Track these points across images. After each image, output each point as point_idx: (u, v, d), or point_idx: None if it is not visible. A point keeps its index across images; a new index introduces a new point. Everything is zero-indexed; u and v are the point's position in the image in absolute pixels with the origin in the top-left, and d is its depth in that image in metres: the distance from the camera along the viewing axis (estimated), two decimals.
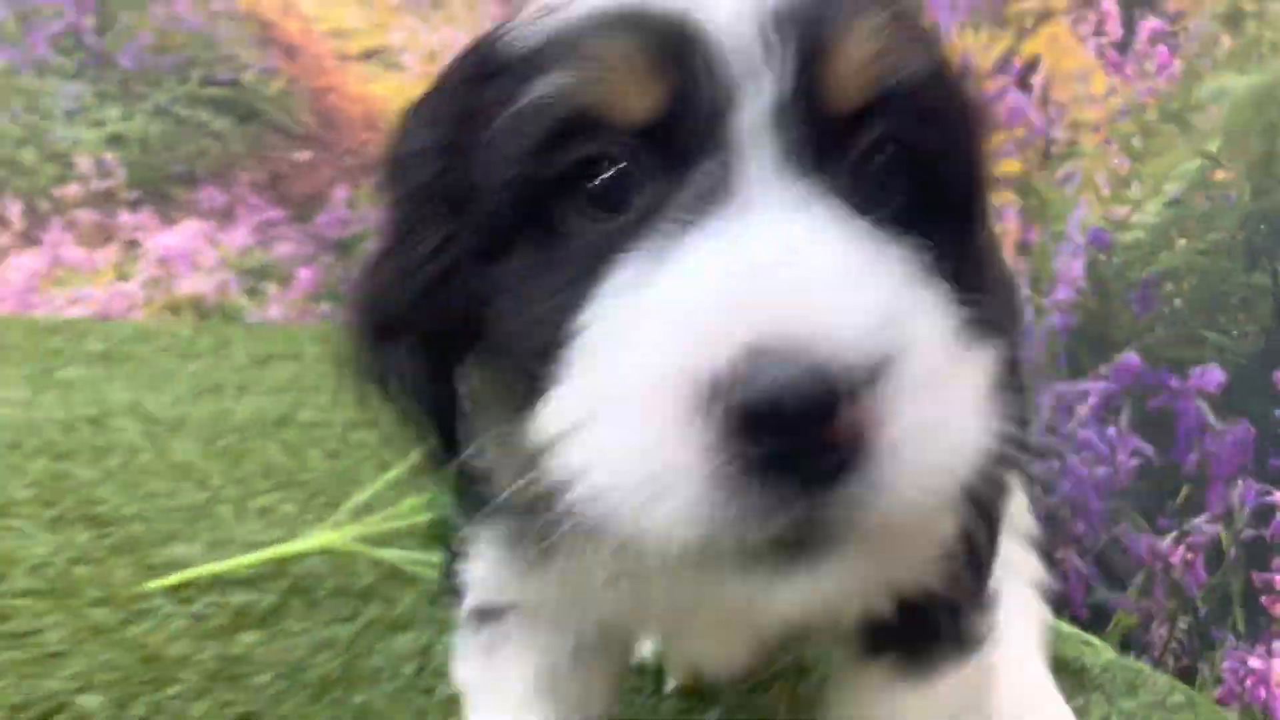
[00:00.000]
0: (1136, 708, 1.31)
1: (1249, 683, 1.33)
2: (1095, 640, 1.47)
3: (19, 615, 1.19)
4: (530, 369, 0.59)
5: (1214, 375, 1.39)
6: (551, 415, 0.56)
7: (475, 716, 0.88)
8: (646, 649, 1.15)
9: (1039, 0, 1.70)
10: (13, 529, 1.43)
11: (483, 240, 0.63)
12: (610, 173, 0.59)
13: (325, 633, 1.24)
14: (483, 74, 0.64)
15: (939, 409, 0.52)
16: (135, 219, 3.00)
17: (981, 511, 0.69)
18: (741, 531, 0.50)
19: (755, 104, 0.56)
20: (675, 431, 0.49)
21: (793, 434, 0.48)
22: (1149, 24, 1.52)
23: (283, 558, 1.36)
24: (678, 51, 0.57)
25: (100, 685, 1.07)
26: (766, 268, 0.51)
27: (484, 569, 0.81)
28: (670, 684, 1.18)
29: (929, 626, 0.82)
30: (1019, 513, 1.22)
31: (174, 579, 1.29)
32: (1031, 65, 1.72)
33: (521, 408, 0.60)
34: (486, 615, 0.85)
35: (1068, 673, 1.35)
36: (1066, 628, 1.49)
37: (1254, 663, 1.32)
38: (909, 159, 0.61)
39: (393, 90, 3.19)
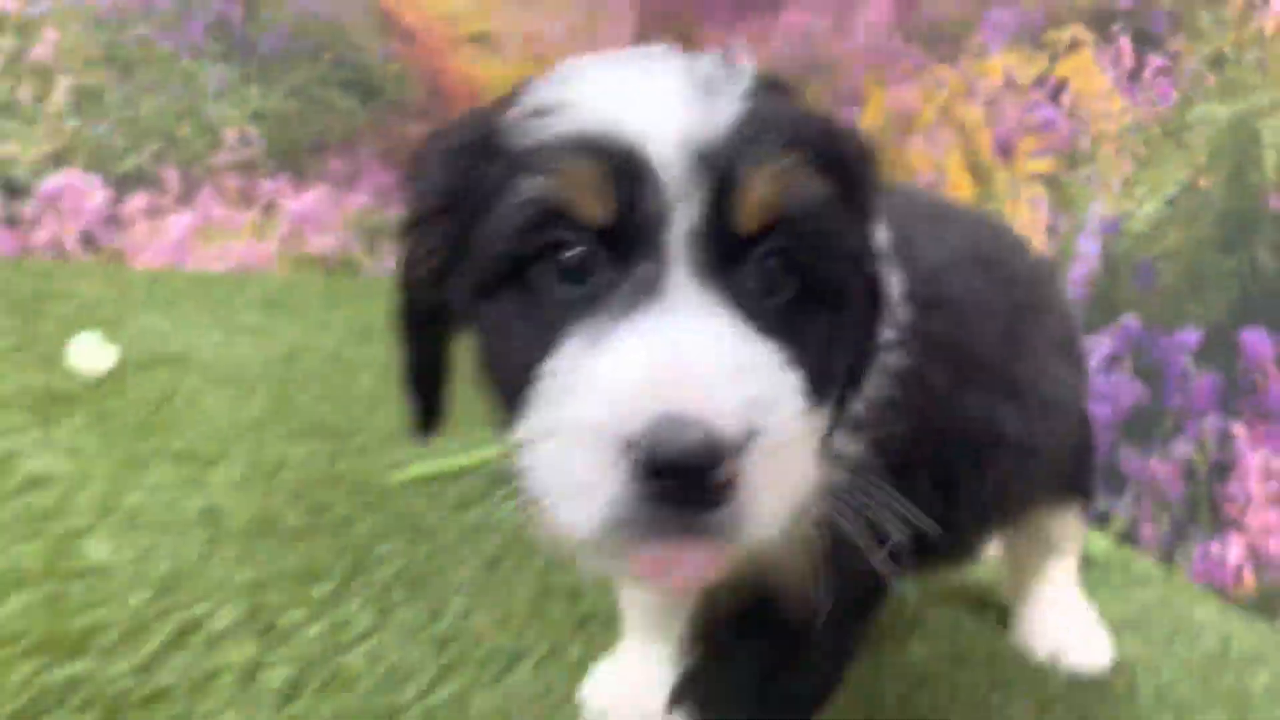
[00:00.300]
0: (1128, 581, 1.73)
1: (1210, 565, 1.75)
2: (1098, 534, 1.89)
3: (309, 495, 1.62)
4: (505, 394, 0.75)
5: (1193, 336, 1.80)
6: (519, 430, 0.71)
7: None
8: None
9: (1070, 32, 2.08)
10: (264, 439, 1.85)
11: (477, 282, 0.75)
12: (574, 255, 0.71)
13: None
14: (485, 154, 0.76)
15: (781, 467, 0.66)
16: (273, 185, 3.35)
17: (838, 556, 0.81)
18: (631, 528, 0.64)
19: (681, 222, 0.69)
20: (600, 466, 0.63)
21: (683, 478, 0.62)
22: (1154, 60, 1.90)
23: (485, 459, 1.77)
24: (628, 176, 0.69)
25: (388, 540, 1.50)
26: (676, 359, 0.64)
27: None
28: None
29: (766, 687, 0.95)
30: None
31: (413, 472, 1.72)
32: (1062, 85, 2.10)
33: (503, 417, 0.75)
34: None
35: (1081, 558, 1.77)
36: None
37: (1214, 550, 1.74)
38: (794, 264, 0.73)
39: (493, 70, 3.55)
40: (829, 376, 0.75)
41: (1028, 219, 2.12)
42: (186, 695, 1.05)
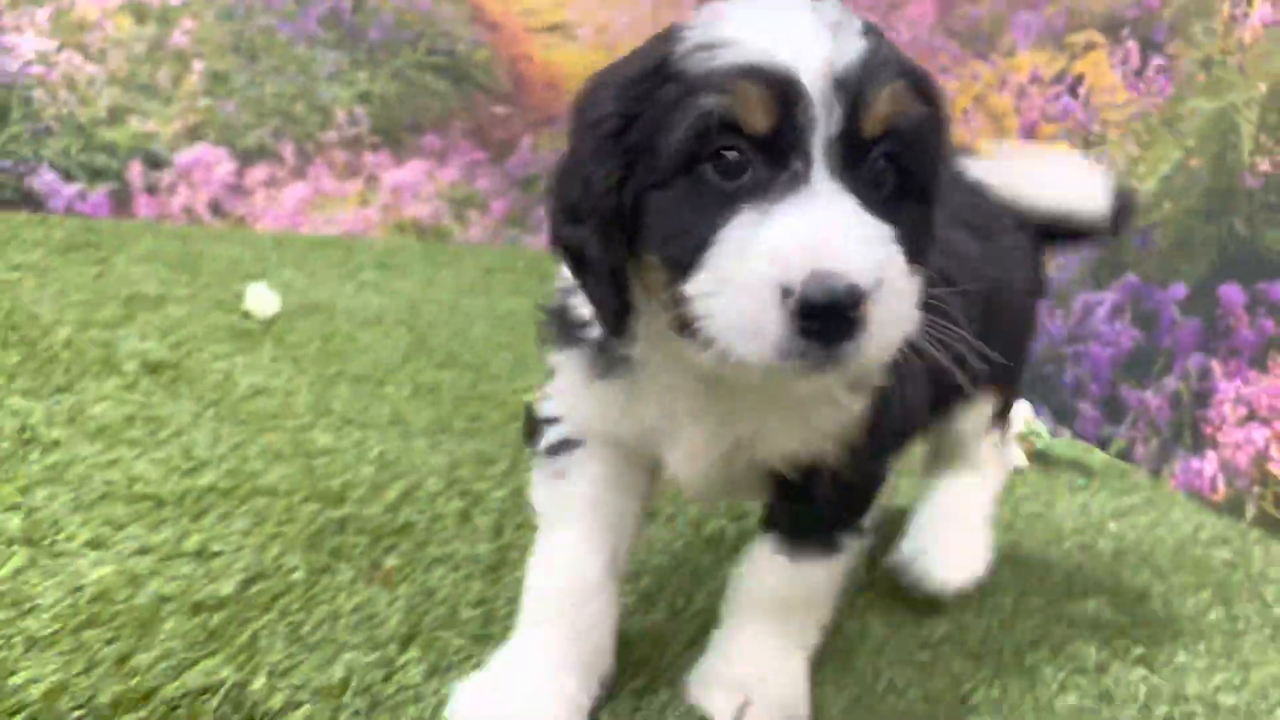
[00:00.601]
0: (1124, 489, 2.10)
1: (1190, 476, 2.12)
2: (1100, 452, 2.27)
3: (465, 408, 2.01)
4: (680, 257, 0.86)
5: (1180, 290, 2.16)
6: (694, 287, 0.85)
7: (543, 533, 1.15)
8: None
9: (1086, 35, 2.43)
10: (417, 368, 2.22)
11: (656, 177, 0.88)
12: (738, 156, 0.85)
13: None
14: (662, 77, 0.88)
15: (896, 310, 0.83)
16: (375, 159, 3.70)
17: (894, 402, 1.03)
18: (792, 357, 0.80)
19: (822, 131, 0.83)
20: (768, 307, 0.80)
21: (829, 319, 0.79)
22: (1155, 60, 2.26)
23: None
24: (786, 96, 0.83)
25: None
26: (822, 230, 0.81)
27: (561, 391, 1.11)
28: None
29: (810, 521, 1.11)
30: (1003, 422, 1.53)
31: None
32: (1079, 79, 2.45)
33: (668, 283, 0.88)
34: (558, 448, 1.13)
35: (1081, 469, 2.15)
36: (1084, 445, 2.30)
37: (1194, 465, 2.11)
38: (897, 165, 0.88)
39: (568, 56, 3.89)
40: (919, 249, 0.90)
41: None
42: (425, 529, 1.46)
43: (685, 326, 0.87)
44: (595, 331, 1.02)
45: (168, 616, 1.13)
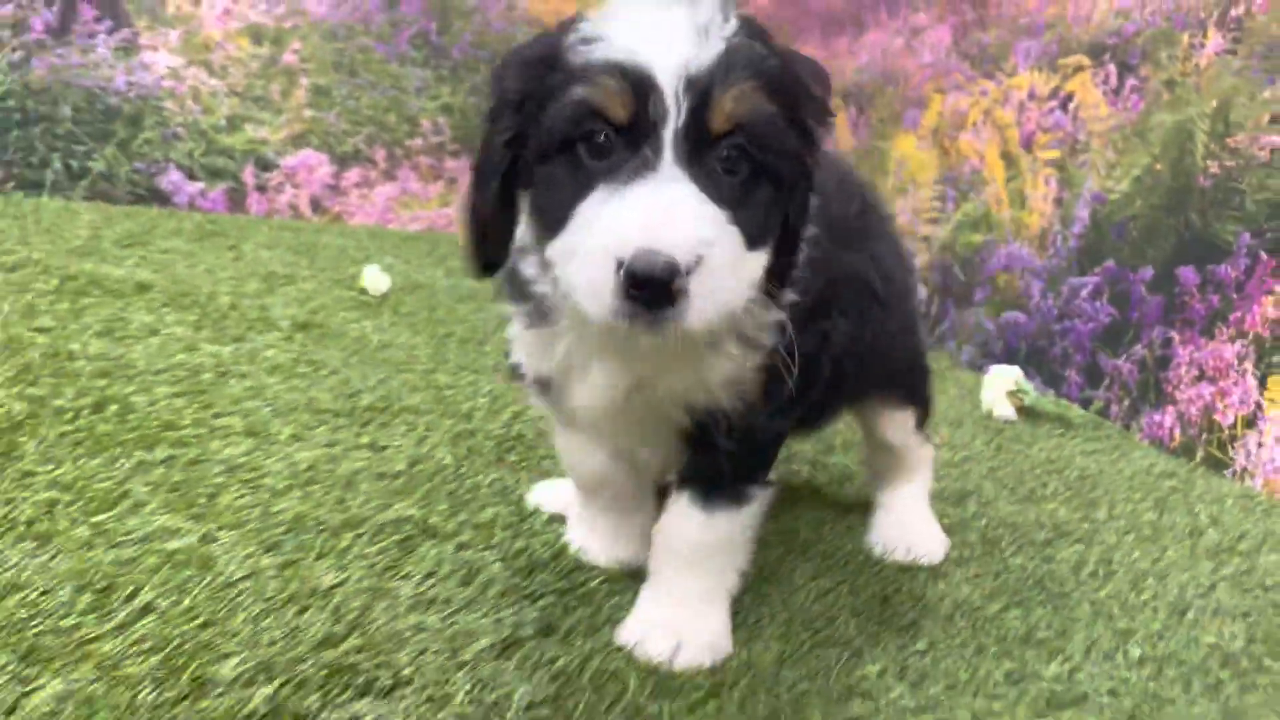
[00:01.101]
0: (1099, 439, 2.50)
1: (1153, 429, 2.53)
2: (1081, 409, 2.68)
3: None
4: (550, 223, 1.02)
5: (1148, 273, 2.56)
6: (557, 250, 1.01)
7: (558, 436, 1.43)
8: None
9: (1076, 59, 2.84)
10: None
11: (539, 153, 1.02)
12: (602, 140, 0.98)
13: None
14: (550, 64, 1.02)
15: (716, 286, 0.95)
16: (455, 164, 4.14)
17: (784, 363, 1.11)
18: (622, 317, 0.94)
19: (672, 124, 0.96)
20: (604, 273, 0.93)
21: (652, 288, 0.92)
22: (1130, 81, 2.67)
23: None
24: (641, 91, 0.96)
25: None
26: (656, 211, 0.93)
27: (511, 338, 1.30)
28: None
29: (719, 477, 1.24)
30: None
31: None
32: (1069, 96, 2.86)
33: (545, 242, 1.04)
34: (542, 384, 1.29)
35: (1063, 422, 2.56)
36: (1067, 403, 2.70)
37: (1157, 419, 2.51)
38: (748, 156, 1.00)
39: None
40: (765, 230, 1.03)
41: (1042, 193, 2.89)
42: (533, 439, 1.90)
43: (555, 282, 1.06)
44: (539, 287, 1.16)
45: (362, 481, 1.58)
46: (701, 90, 0.97)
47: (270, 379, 1.99)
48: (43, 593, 1.13)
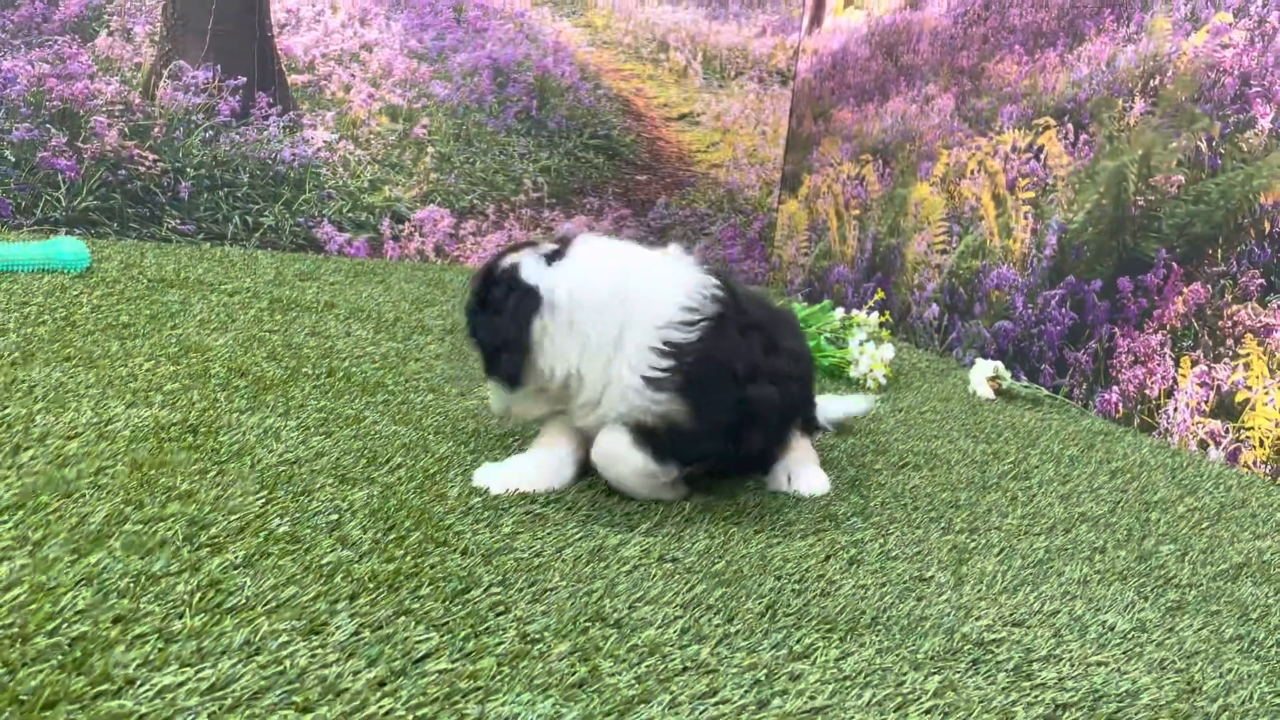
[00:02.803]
0: (1063, 414, 3.18)
1: (1103, 405, 3.21)
2: (1048, 392, 3.37)
3: None
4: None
5: (1098, 284, 3.26)
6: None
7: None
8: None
9: (1045, 119, 3.57)
10: None
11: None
12: None
13: None
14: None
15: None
16: (551, 215, 4.78)
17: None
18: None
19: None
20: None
21: None
22: (1084, 136, 3.39)
23: None
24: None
25: None
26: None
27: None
28: None
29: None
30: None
31: None
32: (1041, 149, 3.58)
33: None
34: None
35: (1033, 401, 3.25)
36: (1038, 387, 3.39)
37: (1106, 396, 3.20)
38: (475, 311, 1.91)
39: (694, 138, 5.00)
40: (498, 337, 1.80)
41: (1022, 225, 3.58)
42: None
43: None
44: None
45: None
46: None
47: (436, 362, 2.80)
48: (335, 459, 1.95)
